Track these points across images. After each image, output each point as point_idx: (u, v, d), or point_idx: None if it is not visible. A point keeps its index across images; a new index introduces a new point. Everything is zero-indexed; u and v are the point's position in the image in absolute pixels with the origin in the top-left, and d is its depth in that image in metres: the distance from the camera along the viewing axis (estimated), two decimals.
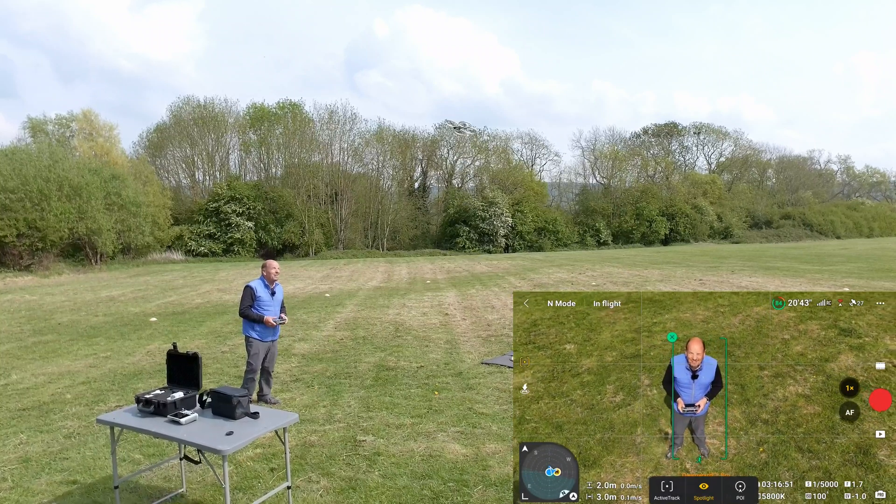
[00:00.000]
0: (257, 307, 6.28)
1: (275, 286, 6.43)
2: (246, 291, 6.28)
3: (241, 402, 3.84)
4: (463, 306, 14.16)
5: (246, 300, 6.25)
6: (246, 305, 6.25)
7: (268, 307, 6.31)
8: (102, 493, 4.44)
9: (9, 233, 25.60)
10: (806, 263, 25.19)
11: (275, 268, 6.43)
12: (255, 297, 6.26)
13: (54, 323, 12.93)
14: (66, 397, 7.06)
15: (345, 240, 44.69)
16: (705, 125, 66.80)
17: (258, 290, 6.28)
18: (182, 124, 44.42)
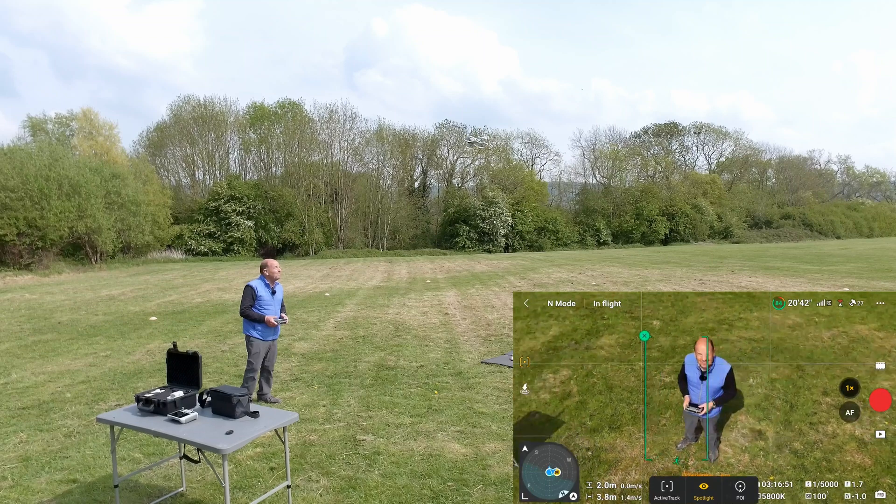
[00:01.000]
0: (258, 307, 6.28)
1: (275, 285, 6.44)
2: (247, 291, 6.27)
3: (240, 402, 3.84)
4: (463, 306, 14.16)
5: (247, 300, 6.25)
6: (247, 305, 6.25)
7: (268, 306, 6.32)
8: (102, 492, 4.44)
9: (9, 231, 25.59)
10: (806, 263, 25.19)
11: (276, 267, 6.43)
12: (256, 296, 6.26)
13: (54, 322, 12.93)
14: (66, 396, 7.06)
15: (345, 239, 44.70)
16: (705, 125, 66.84)
17: (259, 290, 6.28)
18: (182, 123, 44.43)
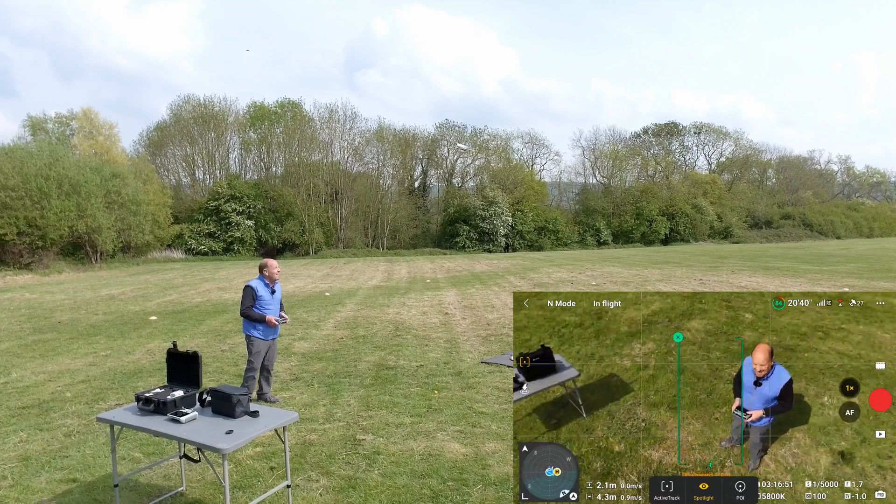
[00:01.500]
0: (258, 307, 6.30)
1: (274, 285, 6.47)
2: (247, 291, 6.28)
3: (240, 401, 3.84)
4: (463, 305, 14.16)
5: (247, 300, 6.27)
6: (248, 305, 6.26)
7: (269, 306, 6.35)
8: (102, 492, 4.44)
9: (9, 231, 25.59)
10: (806, 263, 25.19)
11: (276, 268, 6.45)
12: (257, 296, 6.28)
13: (54, 321, 12.93)
14: (66, 395, 7.06)
15: (345, 239, 44.70)
16: (706, 125, 66.83)
17: (259, 290, 6.30)
18: (182, 123, 44.43)
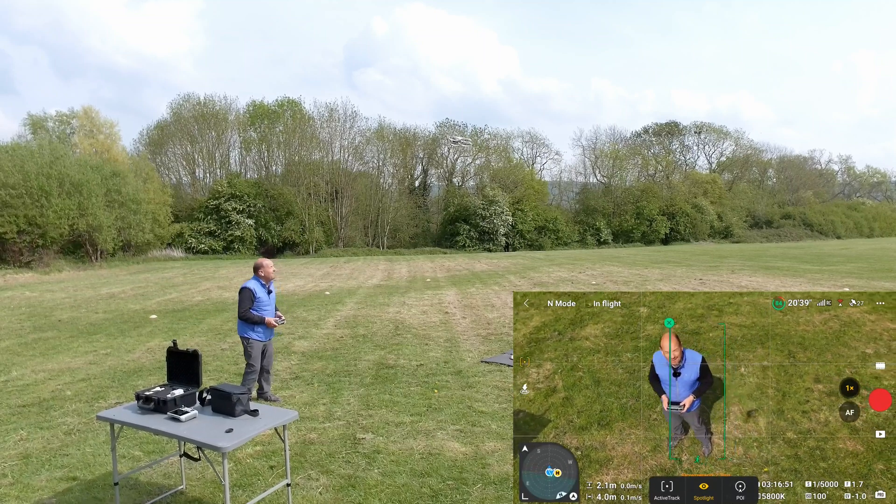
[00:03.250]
0: (256, 308, 6.26)
1: (270, 285, 6.44)
2: (245, 294, 6.21)
3: (240, 400, 3.84)
4: (463, 305, 14.16)
5: (246, 302, 6.21)
6: (247, 308, 6.21)
7: (266, 307, 6.33)
8: (102, 490, 4.44)
9: (9, 229, 25.59)
10: (806, 263, 25.18)
11: (271, 267, 6.41)
12: (255, 298, 6.22)
13: (54, 320, 12.93)
14: (67, 394, 7.06)
15: (345, 238, 44.69)
16: (706, 124, 66.83)
17: (257, 291, 6.25)
18: (182, 121, 44.40)
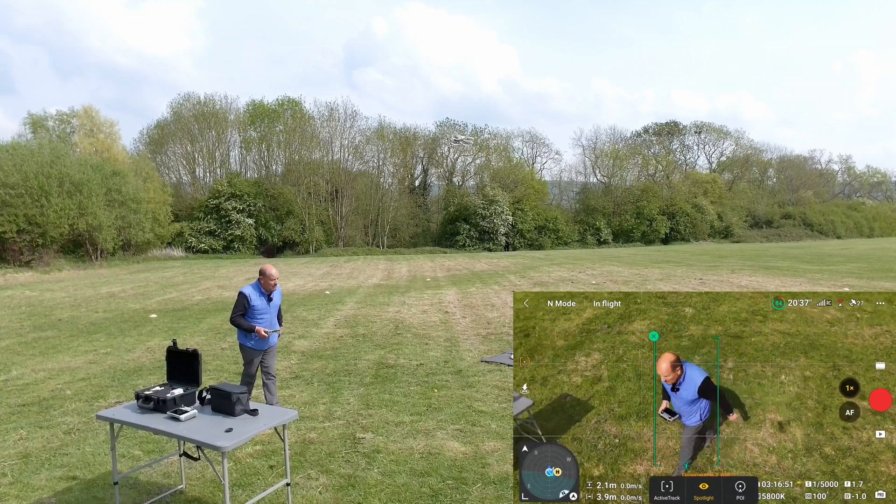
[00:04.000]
0: (251, 316, 5.75)
1: (272, 293, 5.92)
2: (238, 299, 5.74)
3: (240, 399, 3.84)
4: (463, 304, 14.16)
5: (237, 308, 5.72)
6: (237, 314, 5.72)
7: (262, 315, 5.78)
8: (102, 489, 4.44)
9: (9, 229, 25.59)
10: (806, 263, 25.18)
11: (273, 279, 5.79)
12: (249, 305, 5.71)
13: (54, 319, 12.93)
14: (66, 393, 7.06)
15: (345, 237, 44.69)
16: (706, 124, 66.84)
17: (252, 298, 5.72)
18: (182, 121, 44.41)
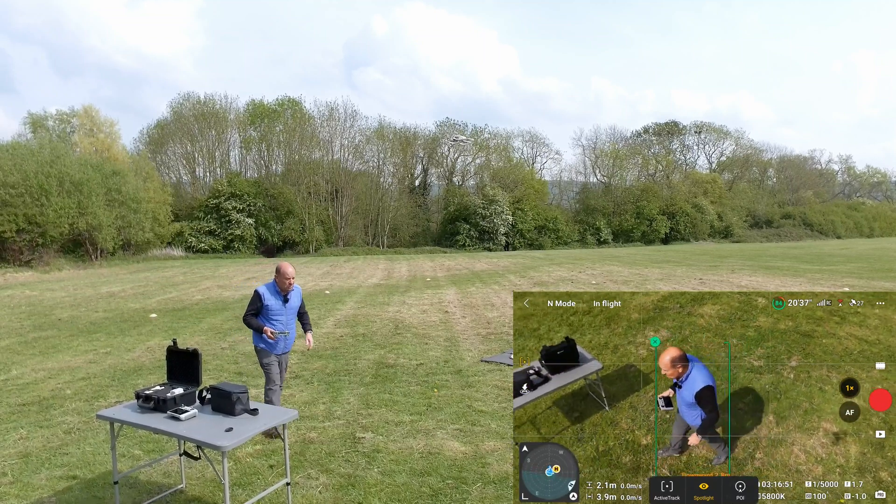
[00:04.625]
0: (265, 317, 5.46)
1: (289, 294, 5.56)
2: (253, 297, 5.48)
3: (240, 399, 3.84)
4: (463, 304, 14.16)
5: (250, 306, 5.48)
6: (248, 312, 5.46)
7: (277, 317, 5.45)
8: (102, 489, 4.44)
9: (8, 228, 25.59)
10: (806, 263, 25.18)
11: (288, 277, 5.43)
12: (263, 304, 5.42)
13: (54, 319, 12.93)
14: (66, 393, 7.06)
15: (345, 237, 44.69)
16: (706, 124, 66.84)
17: (266, 297, 5.43)
18: (182, 120, 44.41)
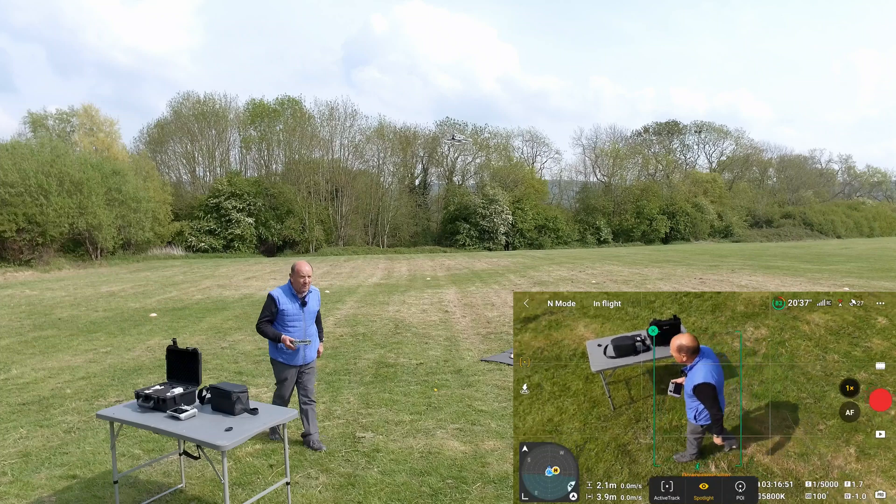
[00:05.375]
0: (280, 323, 4.89)
1: (307, 295, 4.99)
2: (266, 302, 4.92)
3: (240, 398, 3.84)
4: (463, 303, 14.16)
5: (263, 312, 4.89)
6: (262, 319, 4.89)
7: (294, 323, 4.90)
8: (102, 488, 4.44)
9: (8, 227, 25.59)
10: (806, 263, 25.18)
11: (303, 275, 4.87)
12: (278, 309, 4.87)
13: (54, 318, 12.93)
14: (66, 392, 7.06)
15: (345, 236, 44.69)
16: (706, 123, 66.86)
17: (281, 301, 4.87)
18: (182, 120, 44.42)
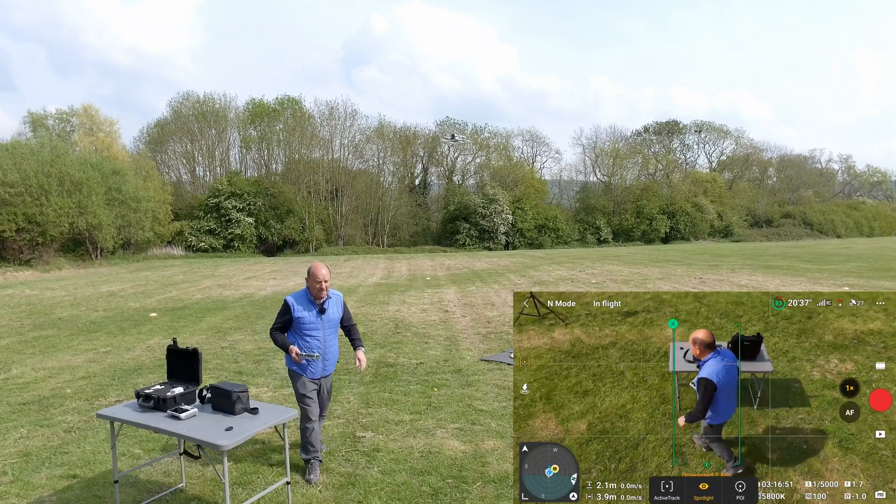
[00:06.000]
0: (296, 332, 4.52)
1: (326, 302, 4.55)
2: (281, 307, 4.58)
3: (240, 398, 3.84)
4: (463, 303, 14.16)
5: (277, 319, 4.57)
6: (275, 326, 4.57)
7: (312, 332, 4.49)
8: (102, 488, 4.44)
9: (8, 227, 25.58)
10: (806, 262, 25.18)
11: (319, 280, 4.44)
12: (292, 316, 4.50)
13: (54, 318, 12.93)
14: (67, 392, 7.06)
15: (345, 236, 44.69)
16: (706, 123, 66.86)
17: (296, 308, 4.49)
18: (182, 119, 44.41)
